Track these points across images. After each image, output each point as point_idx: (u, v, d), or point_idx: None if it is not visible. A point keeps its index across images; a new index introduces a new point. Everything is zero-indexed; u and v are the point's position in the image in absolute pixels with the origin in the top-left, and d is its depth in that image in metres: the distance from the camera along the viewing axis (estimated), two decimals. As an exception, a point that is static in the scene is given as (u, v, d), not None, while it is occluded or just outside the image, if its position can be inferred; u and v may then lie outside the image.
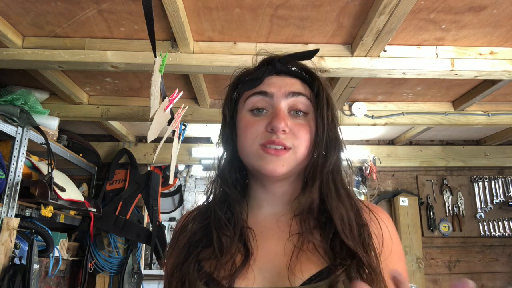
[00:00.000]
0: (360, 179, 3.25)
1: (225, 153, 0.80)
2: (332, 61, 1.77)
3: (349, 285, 0.62)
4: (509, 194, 3.12)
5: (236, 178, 0.78)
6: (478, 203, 3.13)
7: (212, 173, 0.80)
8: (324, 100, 0.74)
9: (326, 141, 0.72)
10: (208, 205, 0.78)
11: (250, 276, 0.66)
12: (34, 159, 2.11)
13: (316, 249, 0.67)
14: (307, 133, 0.72)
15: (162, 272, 0.81)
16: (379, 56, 1.78)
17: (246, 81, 0.77)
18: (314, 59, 1.52)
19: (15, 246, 1.80)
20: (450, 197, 3.14)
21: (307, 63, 0.79)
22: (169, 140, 1.96)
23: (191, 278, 0.66)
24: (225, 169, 0.78)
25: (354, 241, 0.66)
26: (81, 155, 2.65)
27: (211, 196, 0.79)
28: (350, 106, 2.48)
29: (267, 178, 0.73)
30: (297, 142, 0.71)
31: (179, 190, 3.63)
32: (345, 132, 3.16)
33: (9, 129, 1.86)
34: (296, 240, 0.68)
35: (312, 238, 0.68)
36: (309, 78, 0.77)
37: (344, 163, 0.77)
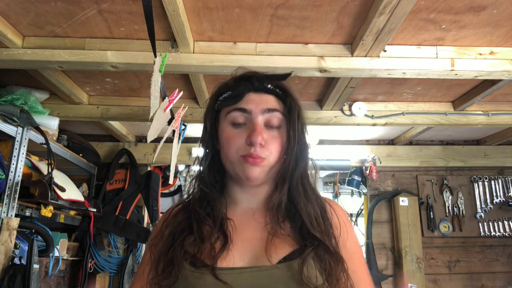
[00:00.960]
0: (360, 179, 3.25)
1: (205, 157, 0.91)
2: (332, 61, 1.77)
3: (318, 261, 0.75)
4: (509, 194, 3.12)
5: (215, 179, 0.90)
6: (478, 203, 3.13)
7: (193, 173, 0.93)
8: (295, 114, 0.86)
9: (296, 149, 0.85)
10: (189, 202, 0.88)
11: (230, 258, 0.77)
12: (34, 159, 2.11)
13: (288, 235, 0.80)
14: (279, 145, 0.84)
15: None
16: (379, 56, 1.78)
17: (228, 98, 0.87)
18: (314, 59, 1.61)
19: (15, 246, 1.80)
20: (450, 197, 3.14)
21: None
22: (169, 140, 1.96)
23: (178, 260, 0.76)
24: (205, 171, 0.89)
25: (320, 232, 0.79)
26: (81, 155, 2.65)
27: (191, 195, 0.90)
28: (350, 106, 2.48)
29: (246, 182, 0.84)
30: (269, 153, 0.83)
31: (179, 190, 3.63)
32: (345, 132, 3.15)
33: (9, 129, 1.86)
34: (270, 228, 0.81)
35: (284, 227, 0.81)
36: (283, 95, 0.88)
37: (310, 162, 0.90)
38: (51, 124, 2.26)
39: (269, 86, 0.87)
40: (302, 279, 0.72)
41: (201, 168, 0.90)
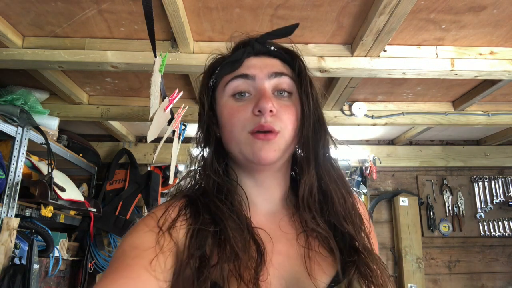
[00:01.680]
0: (360, 179, 3.25)
1: (207, 146, 0.73)
2: (332, 61, 1.77)
3: (363, 279, 0.62)
4: (509, 194, 3.12)
5: (227, 170, 0.72)
6: (478, 203, 3.13)
7: (192, 169, 0.74)
8: (307, 78, 0.72)
9: (313, 120, 0.69)
10: (199, 195, 0.68)
11: (266, 285, 0.60)
12: (34, 159, 2.11)
13: (323, 246, 0.65)
14: (293, 115, 0.68)
15: None
16: (379, 56, 1.78)
17: (224, 65, 0.72)
18: (314, 59, 1.53)
19: (15, 246, 1.80)
20: (450, 197, 3.14)
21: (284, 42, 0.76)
22: (169, 140, 1.96)
23: None
24: (211, 160, 0.71)
25: (353, 227, 0.66)
26: (81, 155, 2.65)
27: (200, 191, 0.70)
28: (350, 106, 2.48)
29: (259, 166, 0.67)
30: (284, 124, 0.66)
31: (179, 190, 3.63)
32: (345, 132, 3.14)
33: (9, 129, 1.86)
34: (303, 241, 0.65)
35: (317, 233, 0.66)
36: (289, 58, 0.74)
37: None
38: (51, 124, 2.26)
39: (272, 48, 0.74)
40: None
41: (206, 159, 0.72)
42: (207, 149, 0.73)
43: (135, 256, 0.56)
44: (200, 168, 0.72)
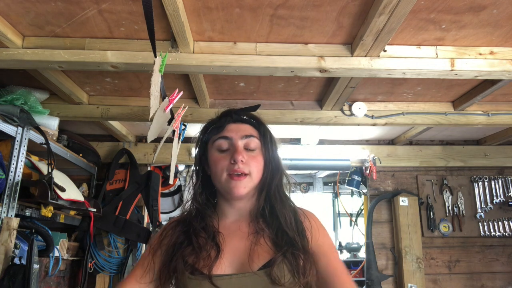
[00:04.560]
0: (360, 179, 3.25)
1: (197, 181, 1.10)
2: (332, 61, 1.77)
3: (287, 263, 0.93)
4: (509, 194, 3.12)
5: (207, 198, 1.09)
6: (478, 203, 3.13)
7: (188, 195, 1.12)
8: (268, 137, 1.08)
9: (272, 166, 1.06)
10: (186, 217, 1.07)
11: (222, 266, 0.96)
12: (34, 159, 2.11)
13: (266, 243, 0.98)
14: (258, 162, 1.04)
15: None
16: (379, 56, 1.78)
17: (213, 129, 1.09)
18: (314, 59, 1.69)
19: (15, 246, 1.80)
20: (450, 197, 3.14)
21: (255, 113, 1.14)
22: (169, 140, 1.96)
23: (180, 270, 0.95)
24: (197, 192, 1.09)
25: (293, 232, 0.99)
26: (81, 155, 2.65)
27: (188, 212, 1.09)
28: (350, 106, 2.48)
29: (234, 197, 1.02)
30: (252, 168, 1.02)
31: (179, 190, 3.63)
32: (345, 132, 3.14)
33: (9, 129, 1.86)
34: (252, 238, 1.00)
35: (264, 235, 1.00)
36: (256, 123, 1.10)
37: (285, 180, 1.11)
38: (51, 124, 2.26)
39: (244, 117, 1.10)
40: (274, 281, 0.91)
41: (195, 191, 1.09)
42: (198, 183, 1.10)
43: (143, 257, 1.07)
44: (190, 200, 1.10)
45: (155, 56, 1.42)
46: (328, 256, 1.02)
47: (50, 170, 1.95)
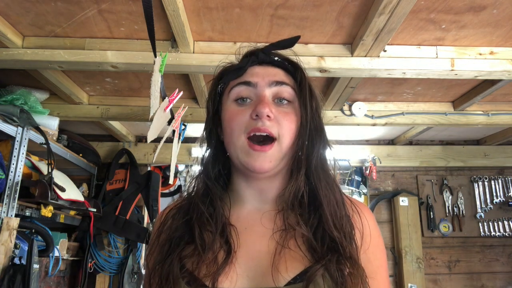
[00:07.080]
0: (360, 179, 3.25)
1: (209, 148, 0.80)
2: (332, 61, 1.77)
3: (329, 279, 0.62)
4: (509, 194, 3.12)
5: (219, 172, 0.78)
6: (478, 203, 3.13)
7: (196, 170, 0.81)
8: (307, 89, 0.75)
9: (310, 129, 0.73)
10: (190, 200, 0.76)
11: (233, 275, 0.65)
12: (34, 159, 2.11)
13: (298, 246, 0.67)
14: (291, 122, 0.72)
15: None
16: (379, 56, 1.78)
17: (230, 72, 0.78)
18: (314, 59, 1.56)
19: (15, 246, 1.80)
20: (450, 197, 3.14)
21: (288, 53, 0.80)
22: (169, 140, 1.95)
23: (174, 277, 0.66)
24: (208, 163, 0.78)
25: (338, 231, 0.67)
26: (81, 155, 2.65)
27: (194, 191, 0.77)
28: (350, 106, 2.48)
29: (254, 174, 0.72)
30: (282, 130, 0.70)
31: (179, 190, 3.63)
32: (345, 132, 3.14)
33: (9, 129, 1.86)
34: (279, 237, 0.68)
35: (295, 234, 0.68)
36: (292, 68, 0.77)
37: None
38: (51, 124, 2.26)
39: (276, 58, 0.77)
40: None
41: (206, 161, 0.78)
42: (209, 151, 0.79)
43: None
44: (199, 174, 0.79)
45: (155, 56, 1.42)
46: (378, 280, 0.70)
47: (50, 170, 1.95)
